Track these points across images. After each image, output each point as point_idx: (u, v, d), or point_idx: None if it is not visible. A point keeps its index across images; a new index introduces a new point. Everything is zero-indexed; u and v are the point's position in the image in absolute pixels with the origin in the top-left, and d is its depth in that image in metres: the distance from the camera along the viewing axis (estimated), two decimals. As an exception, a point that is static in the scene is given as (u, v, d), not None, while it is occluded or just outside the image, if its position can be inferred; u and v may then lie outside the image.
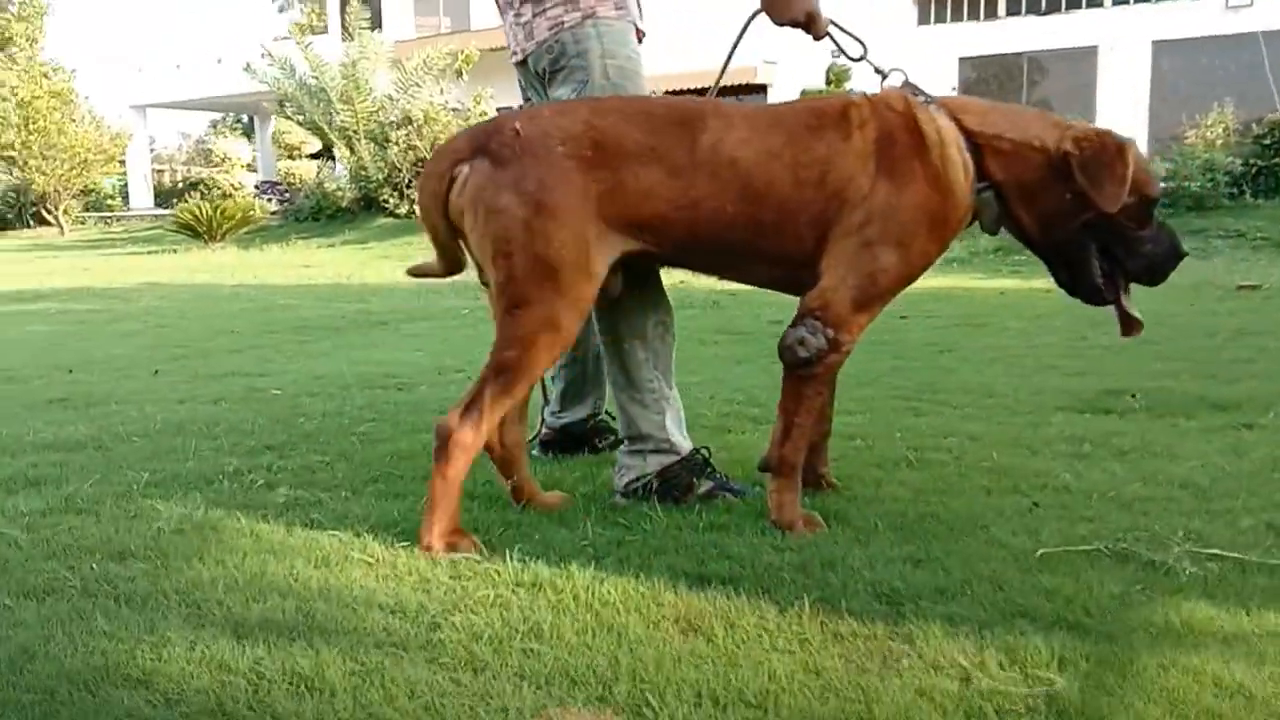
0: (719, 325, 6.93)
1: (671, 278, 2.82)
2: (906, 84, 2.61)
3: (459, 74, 21.21)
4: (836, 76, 22.49)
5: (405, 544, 2.35)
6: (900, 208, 2.43)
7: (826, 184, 2.43)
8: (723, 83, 3.08)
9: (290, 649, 1.79)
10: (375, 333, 7.08)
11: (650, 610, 1.97)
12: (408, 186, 19.20)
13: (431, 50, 21.16)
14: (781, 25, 2.73)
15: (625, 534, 2.44)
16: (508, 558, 2.25)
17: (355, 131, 20.28)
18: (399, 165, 19.33)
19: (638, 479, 2.74)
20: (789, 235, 2.46)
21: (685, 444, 2.79)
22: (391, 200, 19.54)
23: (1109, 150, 2.47)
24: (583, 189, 2.35)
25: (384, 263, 14.80)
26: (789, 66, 22.69)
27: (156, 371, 5.30)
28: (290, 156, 25.84)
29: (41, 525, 2.52)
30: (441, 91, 20.84)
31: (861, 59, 2.79)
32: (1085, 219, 2.51)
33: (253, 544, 2.38)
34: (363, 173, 20.11)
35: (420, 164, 19.29)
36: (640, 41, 2.89)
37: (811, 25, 2.72)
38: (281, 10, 20.43)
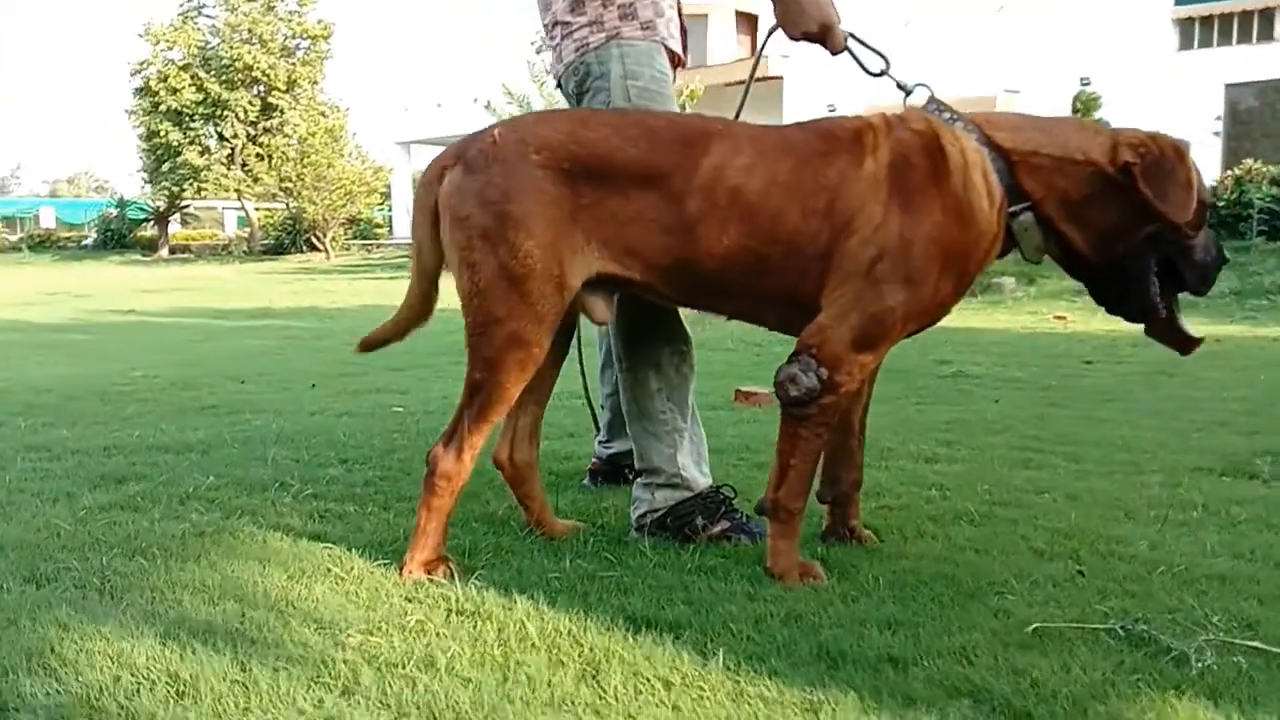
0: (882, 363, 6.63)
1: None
2: (932, 100, 2.41)
3: (682, 109, 21.57)
4: (1085, 104, 21.19)
5: (388, 562, 2.37)
6: (913, 241, 2.22)
7: (835, 213, 2.26)
8: None
9: (198, 653, 1.85)
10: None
11: (563, 650, 1.89)
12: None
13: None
14: (796, 40, 2.59)
15: (605, 569, 2.37)
16: (466, 584, 2.23)
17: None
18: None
19: (648, 513, 2.65)
20: (794, 272, 2.31)
21: (702, 480, 2.68)
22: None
23: (1170, 156, 2.21)
24: (556, 199, 2.26)
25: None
26: (1033, 95, 21.58)
27: (314, 385, 5.67)
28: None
29: (93, 519, 2.74)
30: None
31: (882, 74, 2.59)
32: (1149, 231, 2.25)
33: (254, 550, 2.48)
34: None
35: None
36: (679, 65, 2.82)
37: (827, 38, 2.56)
38: (539, 51, 21.57)
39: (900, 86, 2.52)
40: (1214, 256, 2.31)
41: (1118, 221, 2.25)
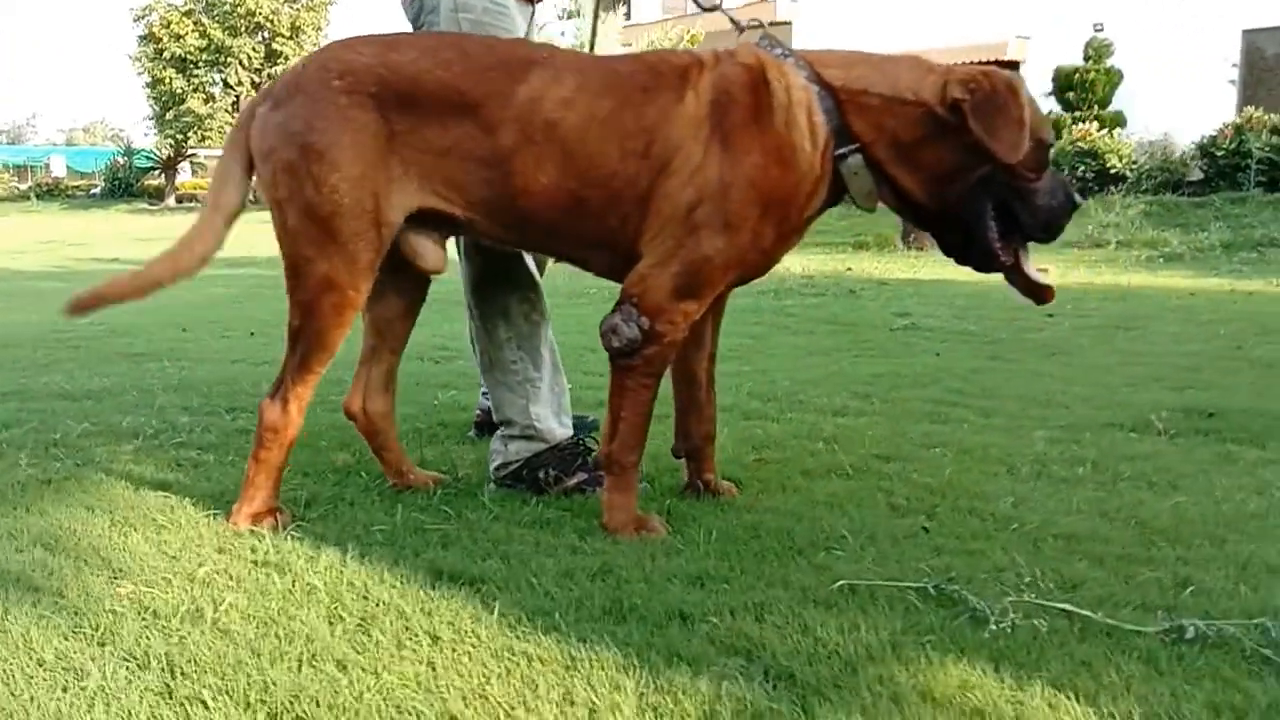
0: (832, 316, 6.54)
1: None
2: (765, 36, 2.29)
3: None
4: (1097, 51, 20.67)
5: (222, 513, 2.33)
6: (731, 184, 2.12)
7: (653, 154, 2.15)
8: (970, 59, 2.89)
9: (-30, 602, 1.81)
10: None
11: (344, 604, 1.85)
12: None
13: (659, 33, 21.29)
14: None
15: (439, 521, 2.32)
16: (286, 536, 2.18)
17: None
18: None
19: (504, 465, 2.59)
20: (615, 215, 2.20)
21: (560, 431, 2.61)
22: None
23: (1001, 92, 2.09)
24: (364, 127, 2.14)
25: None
26: (1044, 41, 21.12)
27: (252, 334, 5.62)
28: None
29: (-53, 464, 2.70)
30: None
31: (714, 9, 2.47)
32: (981, 174, 2.14)
33: (89, 498, 2.45)
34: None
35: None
36: (534, 1, 2.69)
37: None
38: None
39: (734, 23, 2.40)
40: (1060, 201, 2.19)
41: (950, 164, 2.14)
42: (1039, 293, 2.28)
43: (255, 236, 3.99)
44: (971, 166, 2.12)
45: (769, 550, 2.15)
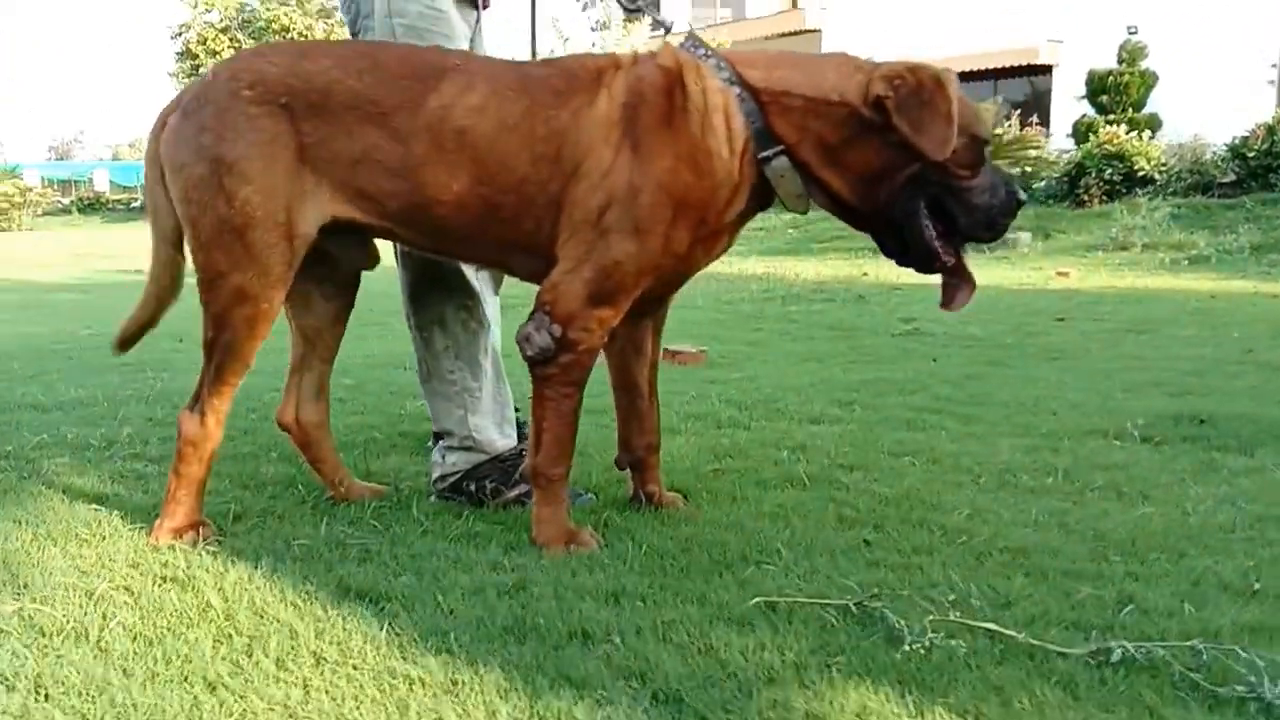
0: (835, 321, 6.42)
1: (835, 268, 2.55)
2: (689, 36, 2.21)
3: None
4: (1130, 54, 20.35)
5: (146, 527, 2.28)
6: (641, 189, 2.05)
7: (563, 159, 2.09)
8: (1001, 64, 2.86)
9: None
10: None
11: (237, 622, 1.79)
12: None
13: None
14: None
15: (364, 535, 2.26)
16: (202, 551, 2.13)
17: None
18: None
19: (443, 477, 2.53)
20: (530, 220, 2.13)
21: (501, 442, 2.54)
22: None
23: (927, 86, 2.00)
24: (274, 138, 2.08)
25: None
26: (1077, 45, 20.81)
27: (181, 339, 5.57)
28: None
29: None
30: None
31: (637, 10, 2.40)
32: (910, 173, 2.05)
33: (20, 511, 2.40)
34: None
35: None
36: (480, 7, 2.63)
37: None
38: (585, 9, 21.33)
39: (658, 23, 2.33)
40: (1003, 199, 2.09)
41: (878, 164, 2.05)
42: (957, 295, 2.19)
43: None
44: (900, 165, 2.03)
45: (695, 565, 2.07)
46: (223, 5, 34.30)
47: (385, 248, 2.42)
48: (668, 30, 2.31)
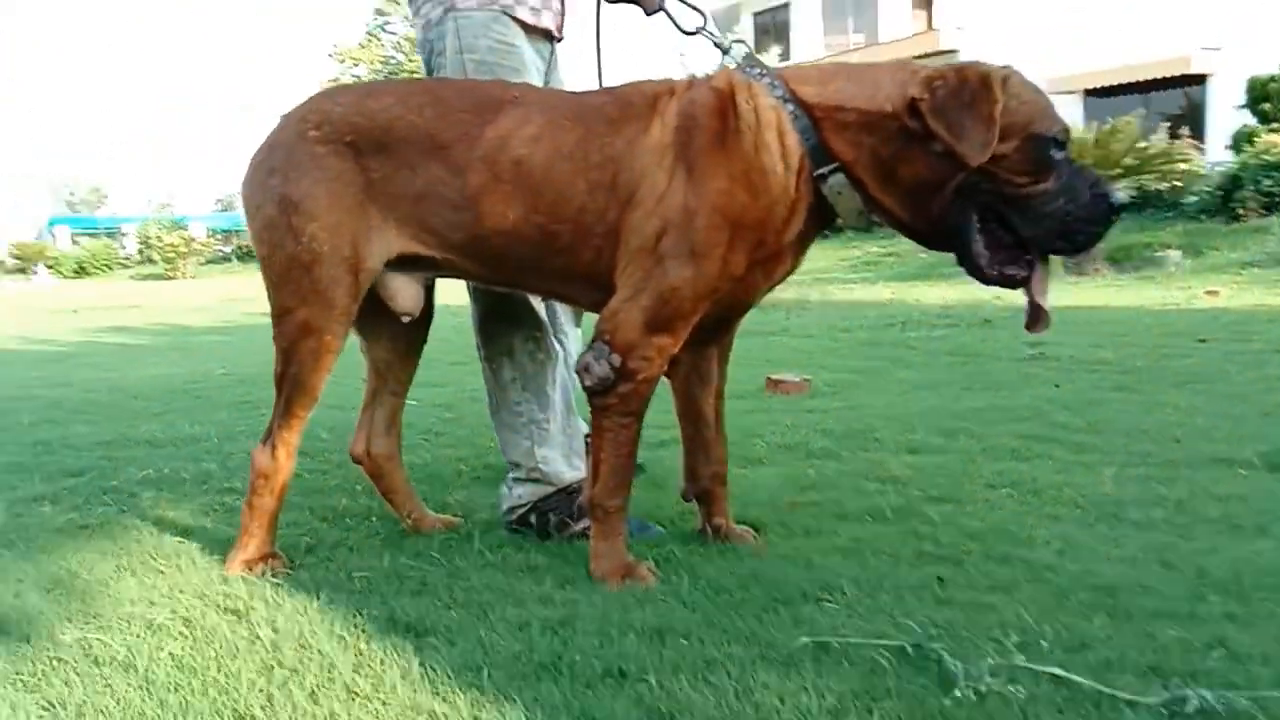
0: (957, 347, 6.16)
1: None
2: (747, 57, 2.16)
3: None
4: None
5: (219, 558, 2.34)
6: (697, 212, 2.00)
7: (618, 186, 2.06)
8: (1150, 75, 2.81)
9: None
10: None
11: (281, 654, 1.80)
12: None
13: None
14: (613, 3, 2.39)
15: (425, 567, 2.25)
16: (267, 582, 2.16)
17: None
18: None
19: (512, 509, 2.51)
20: (588, 250, 2.11)
21: (569, 474, 2.51)
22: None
23: (969, 86, 1.90)
24: (340, 176, 2.13)
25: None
26: (1235, 52, 19.71)
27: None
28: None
29: (7, 510, 2.85)
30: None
31: (698, 32, 2.34)
32: (958, 183, 1.93)
33: (113, 543, 2.51)
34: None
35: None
36: (546, 36, 2.64)
37: None
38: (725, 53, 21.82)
39: (717, 45, 2.27)
40: (1086, 205, 1.92)
41: (926, 175, 1.94)
42: (1034, 319, 2.03)
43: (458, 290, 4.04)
44: (948, 175, 1.92)
45: (750, 602, 1.98)
46: (369, 59, 36.02)
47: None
48: (725, 52, 2.25)
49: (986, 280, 2.01)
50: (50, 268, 35.41)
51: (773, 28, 29.78)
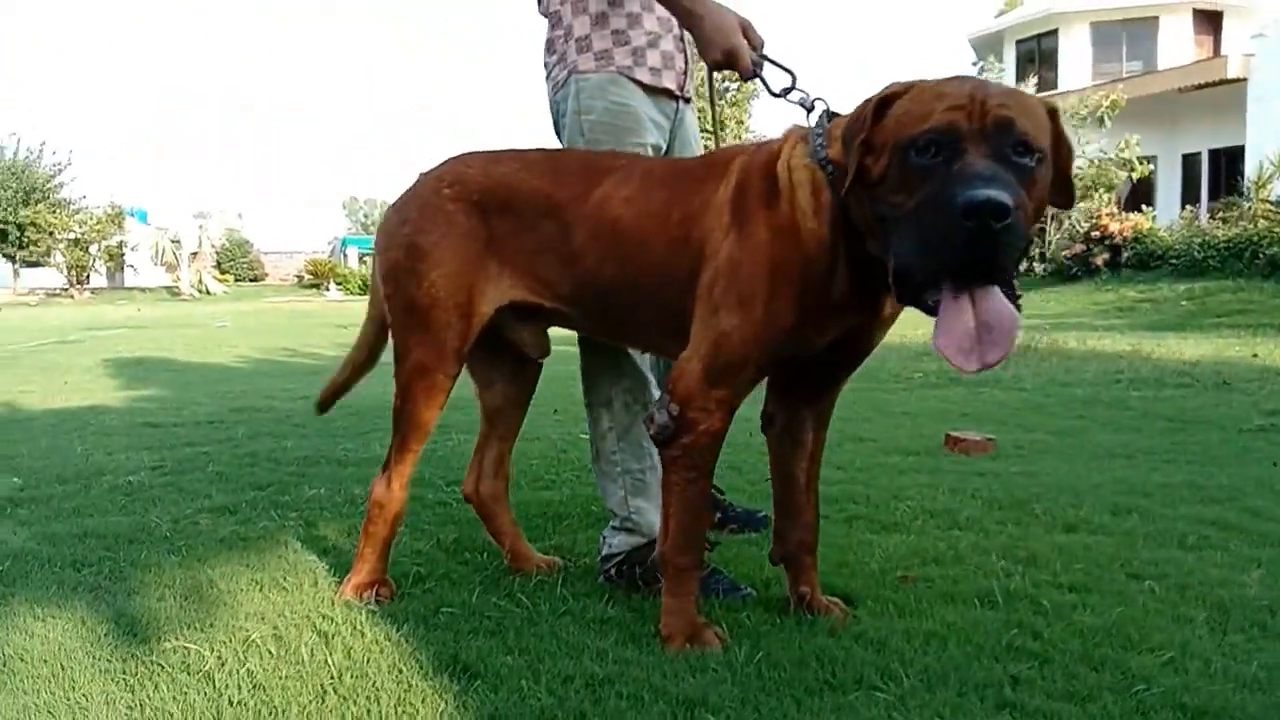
0: (1176, 412, 5.64)
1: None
2: (824, 113, 2.12)
3: (1101, 122, 19.63)
4: None
5: (334, 580, 2.54)
6: (741, 262, 2.04)
7: (691, 242, 2.14)
8: None
9: (73, 635, 2.15)
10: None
11: (340, 684, 1.94)
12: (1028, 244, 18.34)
13: (1075, 101, 19.91)
14: (714, 69, 2.40)
15: (508, 608, 2.35)
16: (368, 610, 2.33)
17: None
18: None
19: (608, 557, 2.57)
20: (673, 306, 2.17)
21: (663, 527, 2.54)
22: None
23: (855, 117, 1.89)
24: (467, 231, 2.32)
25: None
26: None
27: (555, 411, 6.00)
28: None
29: (188, 519, 3.24)
30: (1079, 142, 19.47)
31: (787, 92, 2.30)
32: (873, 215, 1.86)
33: (257, 556, 2.78)
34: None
35: (1041, 220, 18.30)
36: (679, 98, 2.70)
37: (735, 64, 2.35)
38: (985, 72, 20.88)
39: (801, 103, 2.24)
40: (941, 213, 1.65)
41: (861, 217, 1.91)
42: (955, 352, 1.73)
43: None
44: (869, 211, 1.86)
45: (799, 682, 1.93)
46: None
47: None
48: (809, 110, 2.22)
49: (903, 303, 1.87)
50: (339, 285, 38.88)
51: (1038, 55, 28.37)
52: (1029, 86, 21.25)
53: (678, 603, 2.17)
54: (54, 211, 36.66)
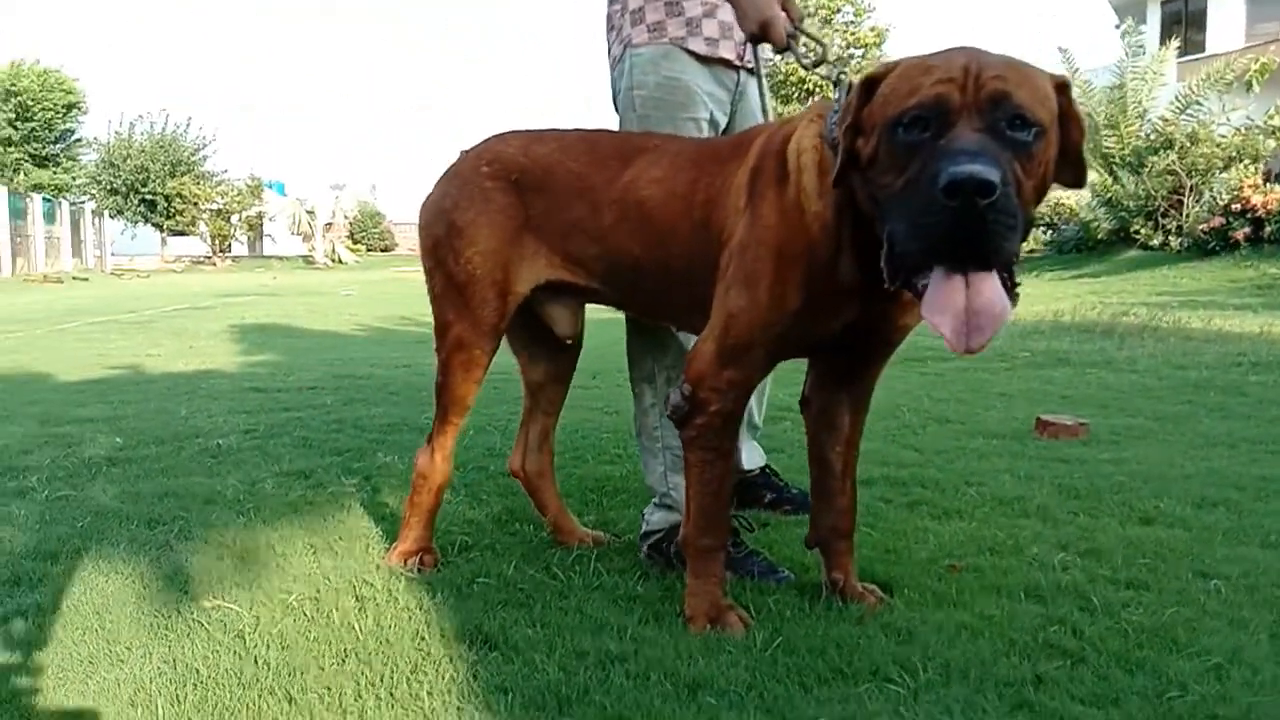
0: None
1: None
2: (845, 90, 2.04)
3: (1249, 87, 18.41)
4: None
5: (385, 546, 2.63)
6: (748, 244, 2.01)
7: (712, 224, 2.11)
8: None
9: (120, 589, 2.28)
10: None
11: (362, 649, 2.00)
12: (1163, 216, 17.43)
13: (1220, 65, 18.74)
14: (750, 41, 2.34)
15: (543, 580, 2.39)
16: (407, 576, 2.40)
17: (1116, 158, 18.98)
18: (1154, 193, 17.58)
19: (647, 534, 2.58)
20: (700, 285, 2.15)
21: (704, 506, 2.53)
22: (1144, 231, 17.89)
23: (843, 103, 1.84)
24: (504, 208, 2.35)
25: (1108, 296, 13.69)
26: None
27: (594, 375, 5.96)
28: (1062, 186, 25.03)
29: (269, 482, 3.37)
30: (1223, 108, 18.33)
31: (818, 64, 2.23)
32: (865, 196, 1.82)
33: (318, 520, 2.89)
34: (1122, 202, 18.76)
35: (1179, 191, 17.36)
36: (741, 68, 2.65)
37: (769, 35, 2.29)
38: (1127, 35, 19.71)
39: (827, 77, 2.17)
40: (924, 192, 1.58)
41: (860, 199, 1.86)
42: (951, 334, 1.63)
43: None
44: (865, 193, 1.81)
45: (810, 670, 1.90)
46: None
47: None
48: (836, 85, 2.15)
49: (894, 287, 1.75)
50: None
51: (1185, 18, 26.77)
52: (1171, 50, 20.08)
53: (700, 584, 2.17)
54: (198, 183, 38.56)
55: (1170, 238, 17.36)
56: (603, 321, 2.92)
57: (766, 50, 2.58)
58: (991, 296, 1.59)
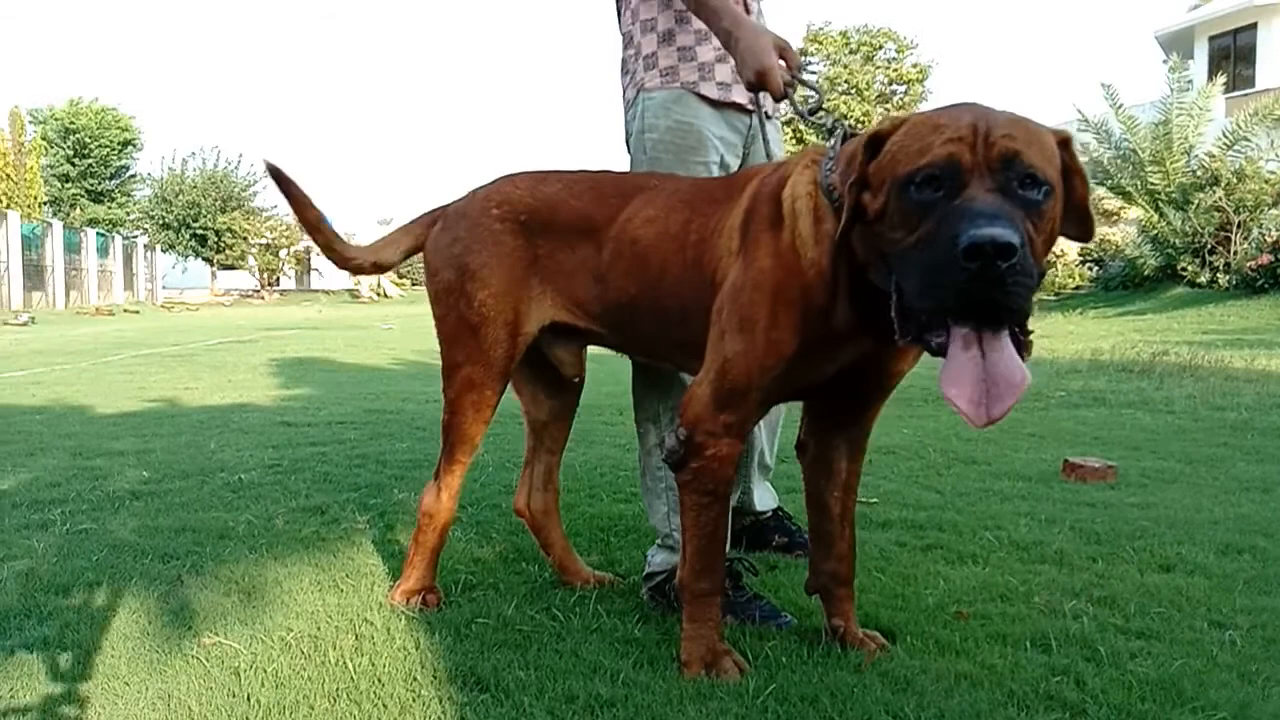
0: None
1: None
2: (840, 137, 2.04)
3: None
4: None
5: (390, 584, 2.64)
6: (743, 286, 2.01)
7: (704, 265, 2.12)
8: None
9: (120, 625, 2.31)
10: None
11: (354, 688, 2.01)
12: (1210, 253, 17.15)
13: (1268, 98, 18.49)
14: (749, 89, 2.35)
15: (542, 621, 2.38)
16: (406, 615, 2.41)
17: (1161, 195, 18.74)
18: (1200, 230, 17.32)
19: (650, 575, 2.57)
20: (695, 326, 2.15)
21: (706, 549, 2.51)
22: (1191, 268, 17.61)
23: (847, 157, 1.84)
24: (513, 250, 2.38)
25: (1152, 335, 13.49)
26: None
27: (621, 412, 5.95)
28: (1108, 221, 24.79)
29: (280, 518, 3.40)
30: (1272, 144, 18.06)
31: (815, 112, 2.22)
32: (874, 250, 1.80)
33: (326, 556, 2.92)
34: (1168, 239, 18.50)
35: (1226, 228, 17.09)
36: (753, 112, 2.67)
37: (766, 84, 2.29)
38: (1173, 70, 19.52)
39: (822, 124, 2.17)
40: (939, 251, 1.57)
41: (862, 251, 1.84)
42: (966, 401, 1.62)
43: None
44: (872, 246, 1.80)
45: (798, 718, 1.88)
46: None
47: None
48: (830, 133, 2.15)
49: (905, 341, 1.74)
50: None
51: (1234, 53, 26.49)
52: (1218, 85, 19.86)
53: (696, 628, 2.15)
54: (248, 218, 39.36)
55: (1218, 275, 17.08)
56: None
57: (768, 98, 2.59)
58: (1010, 364, 1.58)
